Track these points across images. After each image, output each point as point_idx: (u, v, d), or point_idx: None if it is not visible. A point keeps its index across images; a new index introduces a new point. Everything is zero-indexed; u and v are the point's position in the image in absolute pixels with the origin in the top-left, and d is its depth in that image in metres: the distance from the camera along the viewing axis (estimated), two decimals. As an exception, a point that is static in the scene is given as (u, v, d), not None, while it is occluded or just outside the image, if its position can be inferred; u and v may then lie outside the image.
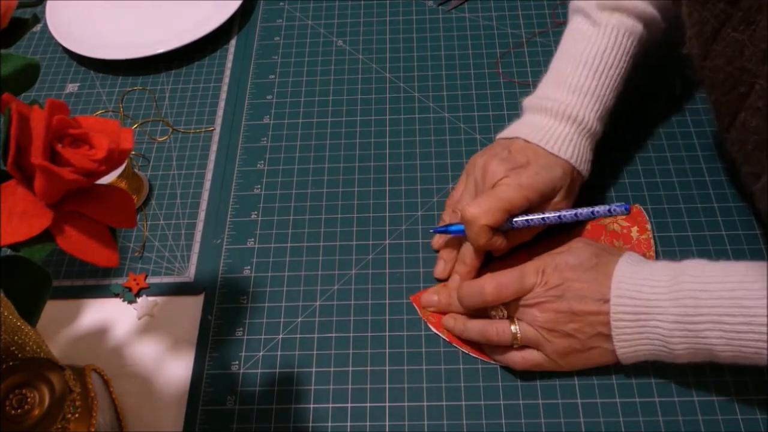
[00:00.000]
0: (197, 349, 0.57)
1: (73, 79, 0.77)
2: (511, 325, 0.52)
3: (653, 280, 0.49)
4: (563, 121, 0.57)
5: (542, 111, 0.58)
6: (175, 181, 0.67)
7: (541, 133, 0.57)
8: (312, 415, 0.53)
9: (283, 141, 0.69)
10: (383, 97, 0.72)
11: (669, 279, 0.48)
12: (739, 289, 0.45)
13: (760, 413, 0.51)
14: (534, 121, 0.58)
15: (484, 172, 0.56)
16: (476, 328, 0.53)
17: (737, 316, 0.45)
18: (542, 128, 0.57)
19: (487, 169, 0.55)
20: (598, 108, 0.57)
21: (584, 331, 0.50)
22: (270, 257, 0.61)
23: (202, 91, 0.74)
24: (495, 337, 0.52)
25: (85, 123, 0.35)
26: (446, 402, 0.53)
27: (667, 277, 0.49)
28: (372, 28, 0.78)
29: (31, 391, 0.43)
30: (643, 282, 0.49)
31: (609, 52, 0.57)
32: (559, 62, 0.60)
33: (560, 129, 0.57)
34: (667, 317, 0.47)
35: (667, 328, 0.47)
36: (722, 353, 0.47)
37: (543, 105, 0.58)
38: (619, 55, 0.58)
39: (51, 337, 0.58)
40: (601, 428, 0.51)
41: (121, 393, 0.54)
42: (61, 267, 0.62)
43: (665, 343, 0.48)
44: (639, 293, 0.49)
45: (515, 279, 0.52)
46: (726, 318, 0.45)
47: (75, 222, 0.34)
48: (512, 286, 0.51)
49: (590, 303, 0.50)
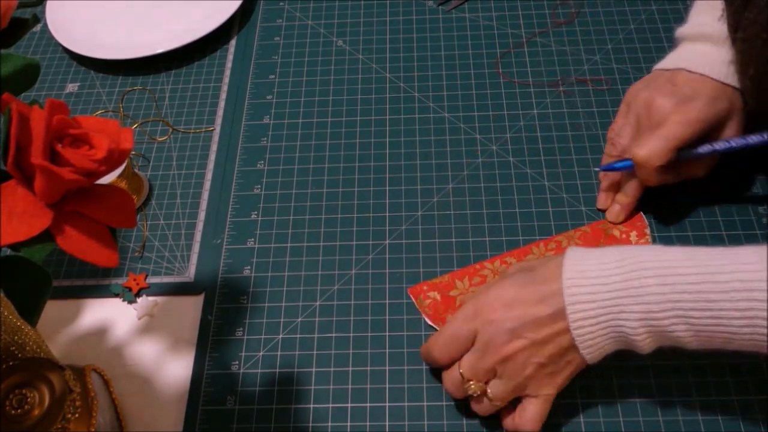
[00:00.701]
0: (197, 349, 0.57)
1: (73, 79, 0.77)
2: (486, 399, 0.49)
3: (605, 277, 0.45)
4: (726, 46, 0.54)
5: (702, 38, 0.56)
6: (175, 181, 0.67)
7: (705, 61, 0.55)
8: (312, 415, 0.53)
9: (283, 141, 0.69)
10: (383, 97, 0.72)
11: (623, 272, 0.45)
12: (703, 282, 0.43)
13: (760, 413, 0.51)
14: (695, 50, 0.56)
15: (648, 108, 0.55)
16: (471, 405, 0.51)
17: (704, 311, 0.42)
18: (706, 56, 0.55)
19: (652, 105, 0.54)
20: None
21: (554, 353, 0.47)
22: (270, 257, 0.61)
23: (202, 91, 0.74)
24: (482, 411, 0.50)
25: (85, 123, 0.35)
26: (446, 402, 0.53)
27: (620, 269, 0.45)
28: (372, 28, 0.78)
29: (31, 391, 0.43)
30: (595, 279, 0.46)
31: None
32: None
33: (725, 55, 0.54)
34: (630, 315, 0.44)
35: (632, 327, 0.45)
36: (689, 344, 0.45)
37: (702, 32, 0.56)
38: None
39: (51, 337, 0.58)
40: (601, 428, 0.51)
41: (121, 393, 0.54)
42: (61, 267, 0.62)
43: (632, 339, 0.45)
44: (593, 293, 0.45)
45: (449, 336, 0.49)
46: (693, 313, 0.43)
47: (75, 222, 0.34)
48: (453, 344, 0.49)
49: (545, 326, 0.46)
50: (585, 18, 0.76)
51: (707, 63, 0.55)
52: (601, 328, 0.46)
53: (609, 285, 0.45)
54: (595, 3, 0.78)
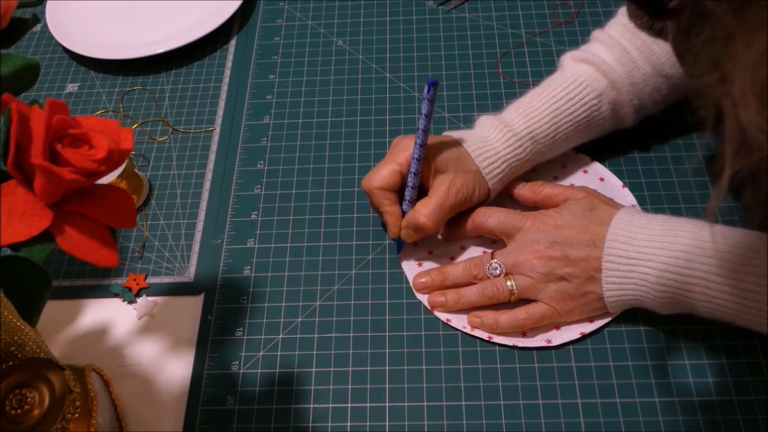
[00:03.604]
0: (197, 349, 0.57)
1: (73, 79, 0.77)
2: (507, 281, 0.54)
3: (648, 228, 0.51)
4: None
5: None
6: (175, 181, 0.67)
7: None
8: (312, 415, 0.53)
9: (283, 141, 0.69)
10: (383, 97, 0.72)
11: (665, 230, 0.50)
12: (731, 253, 0.47)
13: (760, 413, 0.51)
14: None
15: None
16: (473, 290, 0.55)
17: (724, 278, 0.47)
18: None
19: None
20: (528, 125, 0.58)
21: (578, 276, 0.52)
22: (270, 257, 0.61)
23: (202, 91, 0.74)
24: (494, 291, 0.54)
25: (85, 123, 0.35)
26: (446, 402, 0.53)
27: (664, 228, 0.51)
28: (372, 28, 0.78)
29: (31, 391, 0.44)
30: (639, 230, 0.51)
31: (560, 89, 0.59)
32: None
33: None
34: (657, 265, 0.49)
35: (656, 275, 0.49)
36: (702, 309, 0.49)
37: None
38: (570, 96, 0.58)
39: (51, 337, 0.58)
40: (601, 428, 0.51)
41: (121, 393, 0.54)
42: (61, 267, 0.62)
43: (651, 290, 0.50)
44: (633, 239, 0.51)
45: (503, 211, 0.57)
46: (713, 277, 0.47)
47: (75, 222, 0.34)
48: (502, 216, 0.56)
49: (581, 248, 0.52)
50: (585, 18, 0.76)
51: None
52: (628, 270, 0.51)
53: (648, 236, 0.50)
54: (595, 3, 0.78)
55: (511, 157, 0.57)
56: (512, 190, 0.60)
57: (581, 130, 0.60)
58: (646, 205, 0.61)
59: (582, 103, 0.58)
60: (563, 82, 0.59)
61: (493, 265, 0.55)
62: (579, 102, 0.58)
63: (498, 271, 0.55)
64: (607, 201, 0.56)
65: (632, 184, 0.63)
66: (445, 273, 0.57)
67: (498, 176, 0.58)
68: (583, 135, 0.61)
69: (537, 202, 0.59)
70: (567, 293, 0.53)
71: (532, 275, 0.53)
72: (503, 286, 0.54)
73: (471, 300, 0.55)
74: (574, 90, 0.58)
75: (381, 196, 0.57)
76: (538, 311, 0.54)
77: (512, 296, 0.54)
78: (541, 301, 0.54)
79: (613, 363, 0.54)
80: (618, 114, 0.61)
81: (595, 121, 0.60)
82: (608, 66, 0.59)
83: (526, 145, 0.58)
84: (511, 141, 0.57)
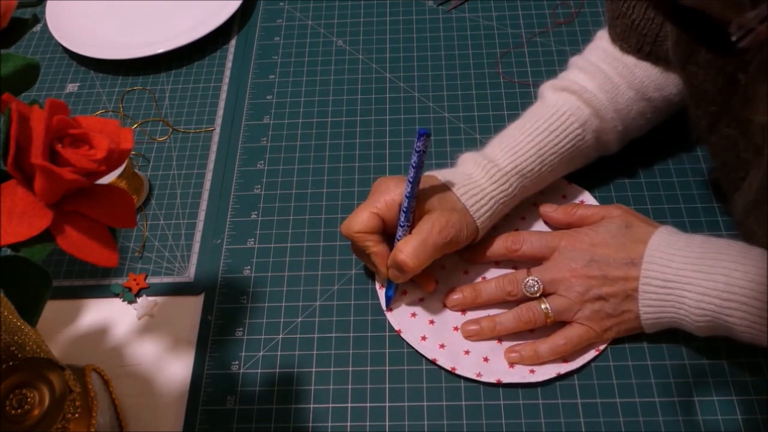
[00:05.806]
0: (197, 349, 0.57)
1: (73, 79, 0.77)
2: (541, 304, 0.53)
3: (687, 251, 0.50)
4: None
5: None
6: (175, 181, 0.67)
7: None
8: (312, 415, 0.53)
9: (283, 141, 0.69)
10: (383, 97, 0.72)
11: (704, 252, 0.49)
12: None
13: (760, 413, 0.51)
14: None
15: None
16: (509, 316, 0.54)
17: (765, 302, 0.46)
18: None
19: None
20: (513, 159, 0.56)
21: (616, 295, 0.52)
22: (270, 257, 0.61)
23: (202, 91, 0.74)
24: (530, 316, 0.53)
25: (85, 123, 0.35)
26: (446, 402, 0.53)
27: (703, 249, 0.50)
28: (372, 28, 0.78)
29: (31, 391, 0.43)
30: (677, 252, 0.50)
31: (543, 121, 0.57)
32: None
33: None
34: (696, 288, 0.48)
35: (694, 300, 0.49)
36: (742, 334, 0.48)
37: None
38: (553, 128, 0.57)
39: (51, 337, 0.58)
40: (601, 428, 0.51)
41: (121, 393, 0.54)
42: (61, 267, 0.62)
43: (689, 313, 0.49)
44: (671, 261, 0.50)
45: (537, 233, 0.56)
46: (753, 302, 0.46)
47: (75, 222, 0.34)
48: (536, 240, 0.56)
49: (619, 267, 0.52)
50: (585, 18, 0.76)
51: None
52: (665, 293, 0.50)
53: (687, 259, 0.50)
54: (595, 3, 0.78)
55: (499, 194, 0.55)
56: (544, 214, 0.60)
57: (566, 161, 0.58)
58: (646, 205, 0.61)
59: (566, 134, 0.57)
60: (545, 114, 0.57)
61: (529, 282, 0.53)
62: (563, 133, 0.57)
63: (535, 288, 0.53)
64: (643, 219, 0.55)
65: (632, 185, 0.63)
66: (478, 290, 0.56)
67: (486, 214, 0.55)
68: (568, 165, 0.59)
69: (571, 224, 0.57)
70: (604, 312, 0.52)
71: (569, 295, 0.52)
72: (538, 310, 0.53)
73: (507, 327, 0.54)
74: (557, 121, 0.57)
75: (363, 239, 0.54)
76: (575, 334, 0.53)
77: (548, 319, 0.53)
78: (577, 323, 0.53)
79: (613, 362, 0.54)
80: (602, 141, 0.60)
81: (580, 151, 0.58)
82: (590, 94, 0.57)
83: (512, 180, 0.56)
84: (496, 177, 0.55)
